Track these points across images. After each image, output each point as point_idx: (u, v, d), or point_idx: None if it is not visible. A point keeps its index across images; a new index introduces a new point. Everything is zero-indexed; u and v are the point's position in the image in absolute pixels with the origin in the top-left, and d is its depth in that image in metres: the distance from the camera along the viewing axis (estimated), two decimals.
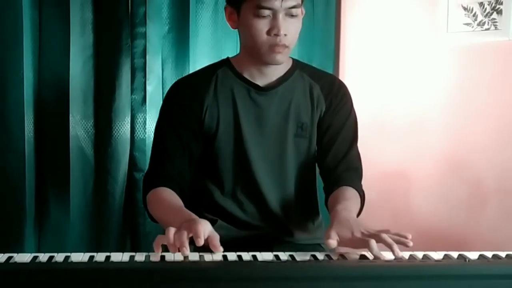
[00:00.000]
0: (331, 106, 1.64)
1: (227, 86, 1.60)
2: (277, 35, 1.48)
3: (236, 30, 1.61)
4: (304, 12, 1.56)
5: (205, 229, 1.24)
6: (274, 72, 1.61)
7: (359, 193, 1.59)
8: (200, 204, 1.65)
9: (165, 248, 1.23)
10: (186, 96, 1.60)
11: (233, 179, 1.63)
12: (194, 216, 1.37)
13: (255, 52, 1.53)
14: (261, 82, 1.60)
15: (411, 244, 1.24)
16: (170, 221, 1.38)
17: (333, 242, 1.28)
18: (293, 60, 1.67)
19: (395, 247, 1.22)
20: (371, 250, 1.23)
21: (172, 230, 1.23)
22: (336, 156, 1.64)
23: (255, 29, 1.49)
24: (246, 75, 1.60)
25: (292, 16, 1.50)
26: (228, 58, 1.67)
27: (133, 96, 2.39)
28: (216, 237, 1.24)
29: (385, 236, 1.24)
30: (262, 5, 1.46)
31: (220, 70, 1.63)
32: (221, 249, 1.22)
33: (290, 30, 1.50)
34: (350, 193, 1.56)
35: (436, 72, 2.28)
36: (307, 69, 1.68)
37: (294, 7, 1.49)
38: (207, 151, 1.62)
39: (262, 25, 1.49)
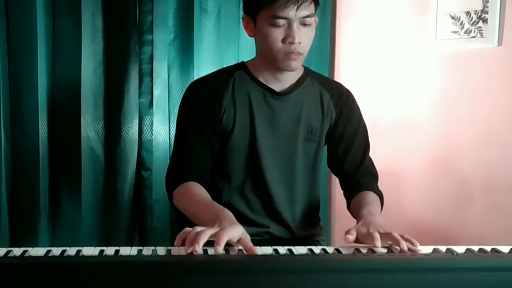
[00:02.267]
0: (342, 115, 1.65)
1: (244, 88, 1.60)
2: (292, 43, 1.48)
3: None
4: (317, 21, 1.56)
5: (233, 236, 1.21)
6: (288, 78, 1.60)
7: (378, 195, 1.61)
8: None
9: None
10: (205, 95, 1.58)
11: (243, 176, 1.61)
12: (227, 212, 1.34)
13: (271, 59, 1.53)
14: (275, 87, 1.60)
15: (418, 245, 1.25)
16: (202, 216, 1.36)
17: (350, 237, 1.30)
18: (304, 67, 1.67)
19: (402, 241, 1.24)
20: (374, 241, 1.25)
21: (196, 230, 1.20)
22: (353, 163, 1.65)
23: (271, 38, 1.49)
24: (261, 80, 1.60)
25: (305, 25, 1.49)
26: (243, 62, 1.66)
27: (141, 99, 2.39)
28: (248, 240, 1.22)
29: (395, 234, 1.27)
30: (278, 15, 1.46)
31: (237, 73, 1.62)
32: (257, 251, 1.20)
33: (304, 38, 1.50)
34: (371, 197, 1.58)
35: (425, 77, 2.28)
36: (317, 77, 1.69)
37: (307, 16, 1.48)
38: (221, 149, 1.61)
39: (277, 34, 1.48)
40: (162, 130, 2.42)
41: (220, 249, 1.17)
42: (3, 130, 2.20)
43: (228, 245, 1.21)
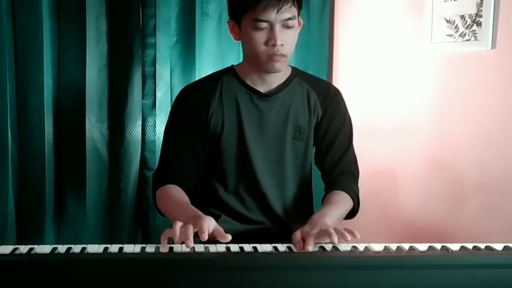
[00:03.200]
0: (327, 112, 1.65)
1: (232, 92, 1.60)
2: (274, 45, 1.48)
3: (239, 41, 1.61)
4: (302, 23, 1.56)
5: (209, 224, 1.25)
6: (275, 79, 1.61)
7: (350, 195, 1.59)
8: (206, 200, 1.65)
9: (171, 241, 1.23)
10: (193, 100, 1.60)
11: (236, 177, 1.63)
12: (199, 212, 1.37)
13: (255, 61, 1.54)
14: (262, 88, 1.60)
15: (348, 238, 1.25)
16: (177, 216, 1.38)
17: (297, 237, 1.31)
18: (292, 68, 1.67)
19: (333, 235, 1.24)
20: (307, 240, 1.26)
21: (178, 224, 1.23)
22: (332, 160, 1.65)
23: (254, 40, 1.50)
24: (248, 82, 1.60)
25: (288, 27, 1.50)
26: (232, 66, 1.67)
27: (144, 101, 2.39)
28: (221, 230, 1.25)
29: (330, 229, 1.27)
30: (259, 18, 1.47)
31: (225, 77, 1.63)
32: (229, 237, 1.22)
33: (287, 40, 1.50)
34: (337, 197, 1.57)
35: (421, 79, 2.28)
36: (305, 77, 1.68)
37: (289, 19, 1.49)
38: (213, 152, 1.62)
39: (260, 37, 1.49)
40: None
41: (206, 236, 1.20)
42: (10, 130, 2.20)
43: (208, 242, 1.22)
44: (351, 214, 1.61)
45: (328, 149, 1.65)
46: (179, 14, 2.43)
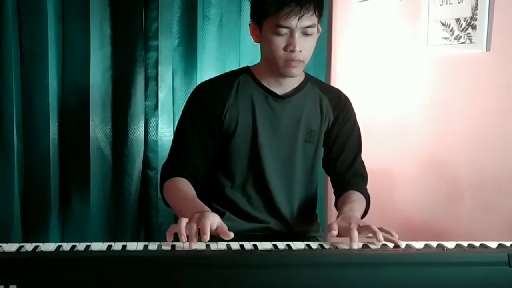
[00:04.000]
0: (338, 118, 1.66)
1: (247, 91, 1.60)
2: (293, 51, 1.48)
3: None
4: (320, 30, 1.56)
5: (213, 221, 1.25)
6: (290, 83, 1.61)
7: (364, 196, 1.61)
8: (211, 196, 1.64)
9: (176, 237, 1.23)
10: (209, 98, 1.59)
11: (244, 174, 1.62)
12: (205, 207, 1.36)
13: (273, 64, 1.54)
14: (277, 90, 1.60)
15: (396, 236, 1.27)
16: (183, 210, 1.38)
17: (334, 232, 1.32)
18: (306, 74, 1.67)
19: (379, 233, 1.25)
20: (351, 235, 1.26)
21: (184, 222, 1.22)
22: (344, 164, 1.66)
23: (274, 45, 1.50)
24: (264, 83, 1.60)
25: (307, 34, 1.50)
26: (248, 66, 1.66)
27: (147, 102, 2.39)
28: (224, 227, 1.25)
29: (373, 226, 1.28)
30: (281, 24, 1.47)
31: (241, 77, 1.62)
32: (232, 234, 1.22)
33: (305, 47, 1.50)
34: (355, 196, 1.58)
35: (417, 81, 2.28)
36: (317, 83, 1.69)
37: (309, 26, 1.49)
38: (223, 148, 1.62)
39: (280, 42, 1.49)
40: (167, 131, 2.43)
41: (207, 238, 1.19)
42: (15, 131, 2.20)
43: (211, 238, 1.22)
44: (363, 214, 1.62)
45: (340, 153, 1.66)
46: (181, 18, 2.43)
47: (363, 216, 1.60)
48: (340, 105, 1.66)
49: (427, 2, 2.17)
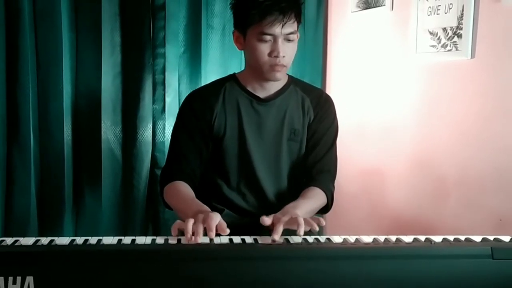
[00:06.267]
0: (317, 115, 1.64)
1: (233, 97, 1.60)
2: (276, 56, 1.49)
3: (241, 51, 1.61)
4: (299, 36, 1.57)
5: (215, 220, 1.25)
6: (273, 87, 1.61)
7: (325, 193, 1.58)
8: (210, 195, 1.65)
9: (181, 233, 1.23)
10: (198, 105, 1.60)
11: (238, 175, 1.63)
12: (205, 207, 1.37)
13: (258, 70, 1.54)
14: (261, 94, 1.61)
15: (316, 228, 1.26)
16: (185, 210, 1.39)
17: (267, 219, 1.31)
18: (289, 76, 1.67)
19: (301, 227, 1.24)
20: (276, 227, 1.26)
21: (191, 222, 1.23)
22: (314, 158, 1.64)
23: (258, 52, 1.50)
24: (249, 88, 1.60)
25: (289, 40, 1.50)
26: (234, 73, 1.67)
27: (154, 106, 2.40)
28: (224, 224, 1.25)
29: (300, 219, 1.26)
30: (265, 31, 1.47)
31: (227, 84, 1.63)
32: (228, 230, 1.24)
33: (288, 52, 1.51)
34: (312, 193, 1.55)
35: (407, 86, 2.28)
36: (300, 84, 1.68)
37: (291, 33, 1.49)
38: (216, 151, 1.62)
39: (264, 48, 1.49)
40: None
41: (213, 235, 1.21)
42: (32, 132, 2.21)
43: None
44: (325, 210, 1.61)
45: (313, 148, 1.64)
46: (186, 27, 2.43)
47: (323, 212, 1.60)
48: (321, 104, 1.65)
49: (416, 12, 2.17)
